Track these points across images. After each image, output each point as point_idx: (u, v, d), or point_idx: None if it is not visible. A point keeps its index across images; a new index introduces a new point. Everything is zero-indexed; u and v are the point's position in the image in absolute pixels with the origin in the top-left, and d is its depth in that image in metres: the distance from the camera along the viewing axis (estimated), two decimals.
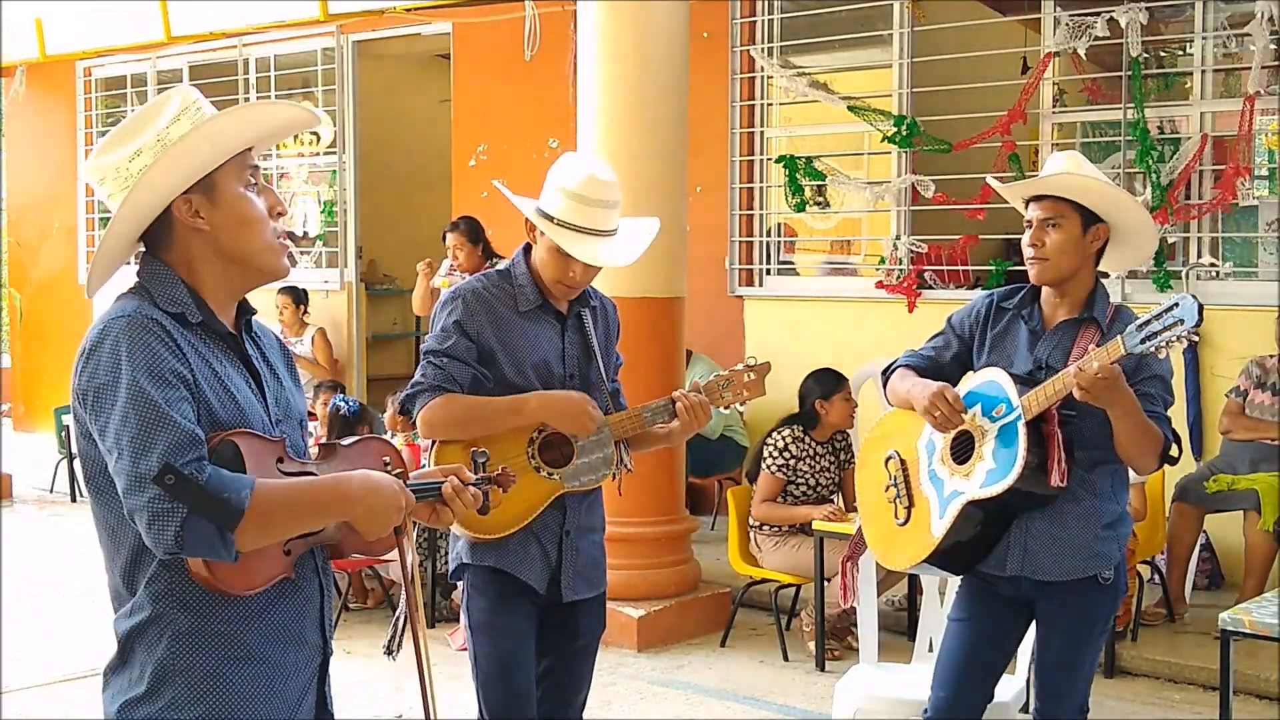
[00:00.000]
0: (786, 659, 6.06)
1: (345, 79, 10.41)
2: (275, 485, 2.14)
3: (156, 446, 2.04)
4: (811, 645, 6.02)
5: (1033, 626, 3.63)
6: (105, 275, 2.26)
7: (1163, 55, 7.66)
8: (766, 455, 6.16)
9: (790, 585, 6.22)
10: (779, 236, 8.79)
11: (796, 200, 8.40)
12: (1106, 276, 3.64)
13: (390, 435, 6.88)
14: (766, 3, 8.54)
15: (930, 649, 4.47)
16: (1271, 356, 6.35)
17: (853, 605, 4.68)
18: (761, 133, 8.65)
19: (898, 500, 3.59)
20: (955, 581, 3.92)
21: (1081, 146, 7.57)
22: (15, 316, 13.01)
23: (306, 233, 11.04)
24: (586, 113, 6.40)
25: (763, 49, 8.52)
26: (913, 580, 5.98)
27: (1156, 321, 3.05)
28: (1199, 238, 7.17)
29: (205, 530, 2.03)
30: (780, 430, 6.20)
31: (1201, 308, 2.99)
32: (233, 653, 2.19)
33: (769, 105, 8.65)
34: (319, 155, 10.96)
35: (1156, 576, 6.46)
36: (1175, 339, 3.02)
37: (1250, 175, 7.12)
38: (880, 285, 8.06)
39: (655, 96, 6.32)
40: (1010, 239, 7.64)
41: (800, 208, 8.47)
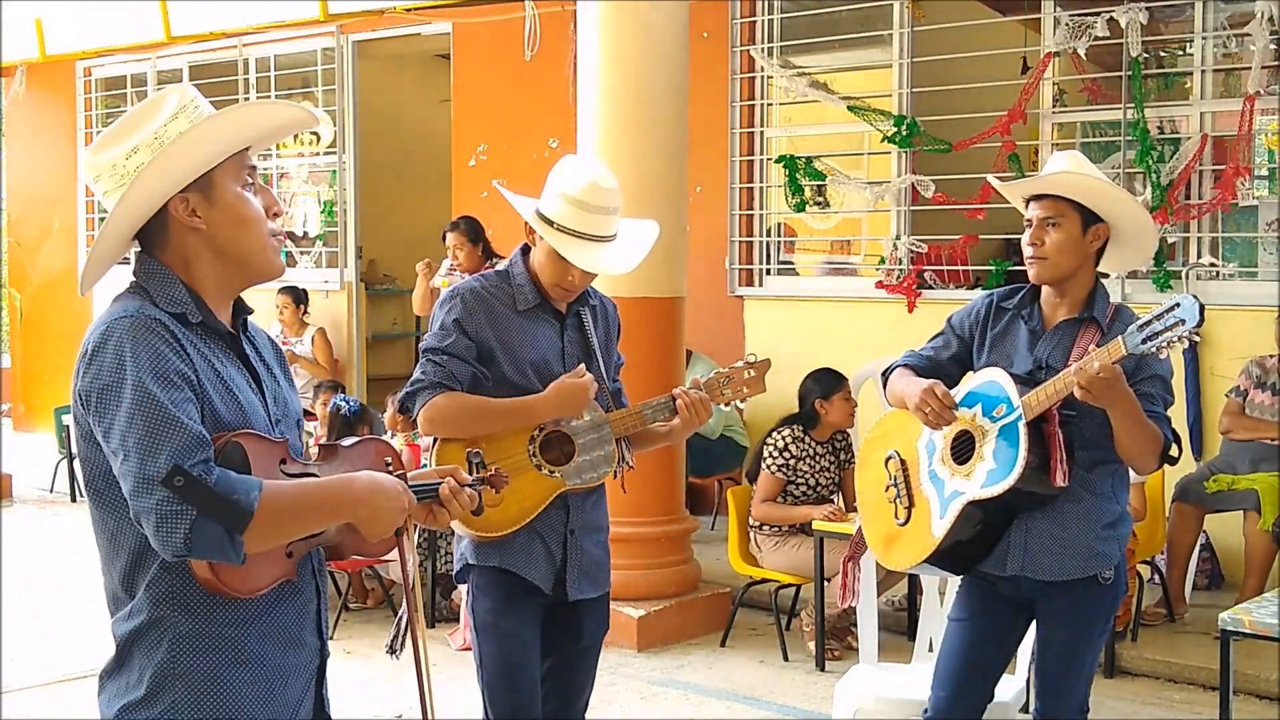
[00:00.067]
0: (786, 659, 6.06)
1: (345, 79, 10.41)
2: (283, 486, 2.12)
3: (164, 448, 2.02)
4: (811, 645, 6.02)
5: (1033, 626, 3.63)
6: (99, 273, 2.24)
7: (1163, 55, 7.65)
8: (766, 455, 6.16)
9: (790, 585, 6.22)
10: (779, 236, 8.79)
11: (796, 200, 8.40)
12: (1107, 276, 3.63)
13: (390, 435, 6.88)
14: (766, 3, 8.54)
15: (930, 649, 4.47)
16: (1271, 356, 6.35)
17: (852, 605, 4.68)
18: (761, 133, 8.64)
19: (898, 500, 3.59)
20: (955, 581, 3.92)
21: (1081, 146, 7.56)
22: (15, 316, 13.01)
23: (306, 233, 11.03)
24: (586, 113, 6.39)
25: (763, 49, 8.52)
26: (913, 580, 5.98)
27: (1158, 322, 3.04)
28: (1199, 238, 7.17)
29: (214, 532, 2.01)
30: (780, 430, 6.20)
31: (1203, 308, 2.99)
32: (233, 655, 2.17)
33: (769, 105, 8.65)
34: (319, 155, 10.95)
35: (1156, 576, 6.46)
36: (1176, 339, 3.01)
37: (1250, 175, 7.11)
38: (880, 285, 8.06)
39: (655, 96, 6.32)
40: (1010, 239, 7.65)
41: (800, 208, 8.47)
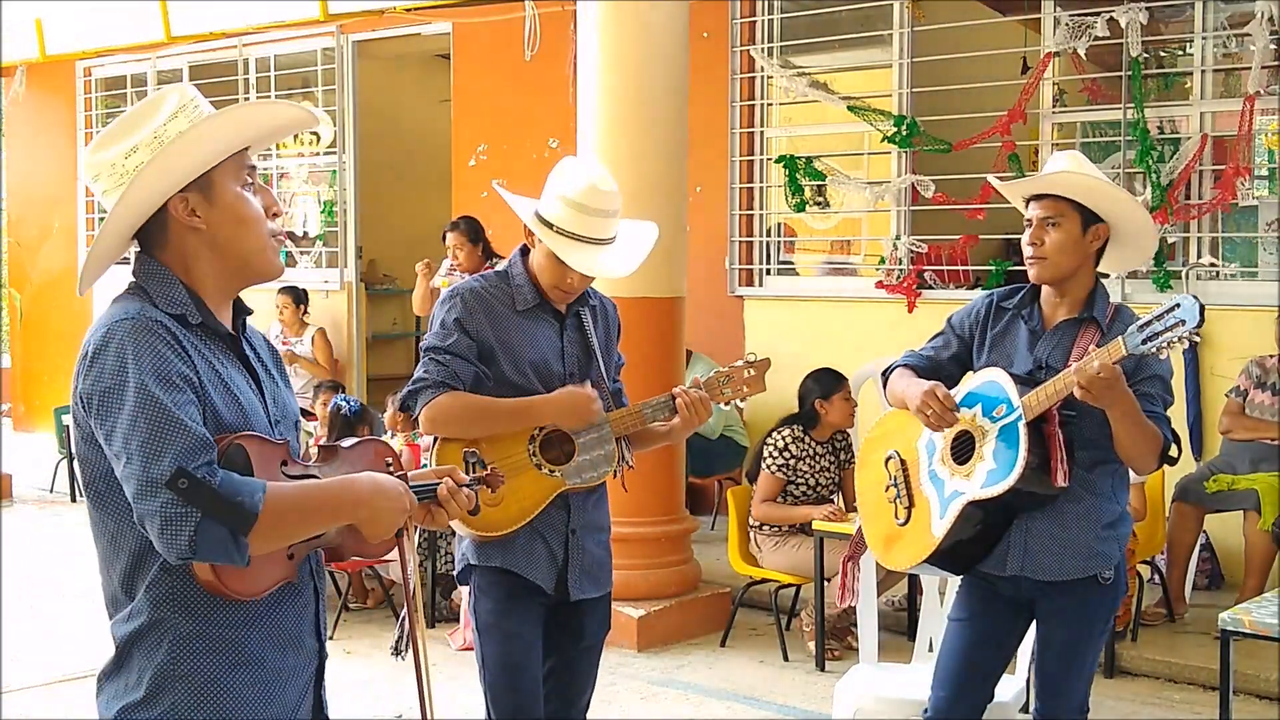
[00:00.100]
0: (786, 659, 6.06)
1: (345, 79, 10.41)
2: (287, 488, 2.12)
3: (168, 451, 2.01)
4: (811, 645, 6.02)
5: (1033, 626, 3.63)
6: (97, 273, 2.24)
7: (1163, 55, 7.65)
8: (766, 455, 6.16)
9: (790, 585, 6.22)
10: (779, 236, 8.79)
11: (796, 200, 8.40)
12: (1107, 276, 3.63)
13: (390, 435, 6.88)
14: (766, 3, 8.54)
15: (930, 649, 4.47)
16: (1271, 356, 6.35)
17: (852, 605, 4.68)
18: (761, 133, 8.65)
19: (898, 500, 3.59)
20: (955, 581, 3.92)
21: (1081, 146, 7.56)
22: (15, 317, 13.01)
23: (306, 233, 11.04)
24: (586, 113, 6.39)
25: (763, 49, 8.52)
26: (913, 580, 5.98)
27: (1158, 322, 3.04)
28: (1199, 238, 7.17)
29: (219, 535, 2.00)
30: (780, 430, 6.20)
31: (1203, 308, 2.98)
32: (234, 658, 2.17)
33: (769, 105, 8.65)
34: (319, 155, 10.95)
35: (1156, 576, 6.46)
36: (1176, 339, 3.01)
37: (1250, 175, 7.11)
38: (880, 285, 8.06)
39: (655, 96, 6.31)
40: (1010, 239, 7.65)
41: (800, 208, 8.47)
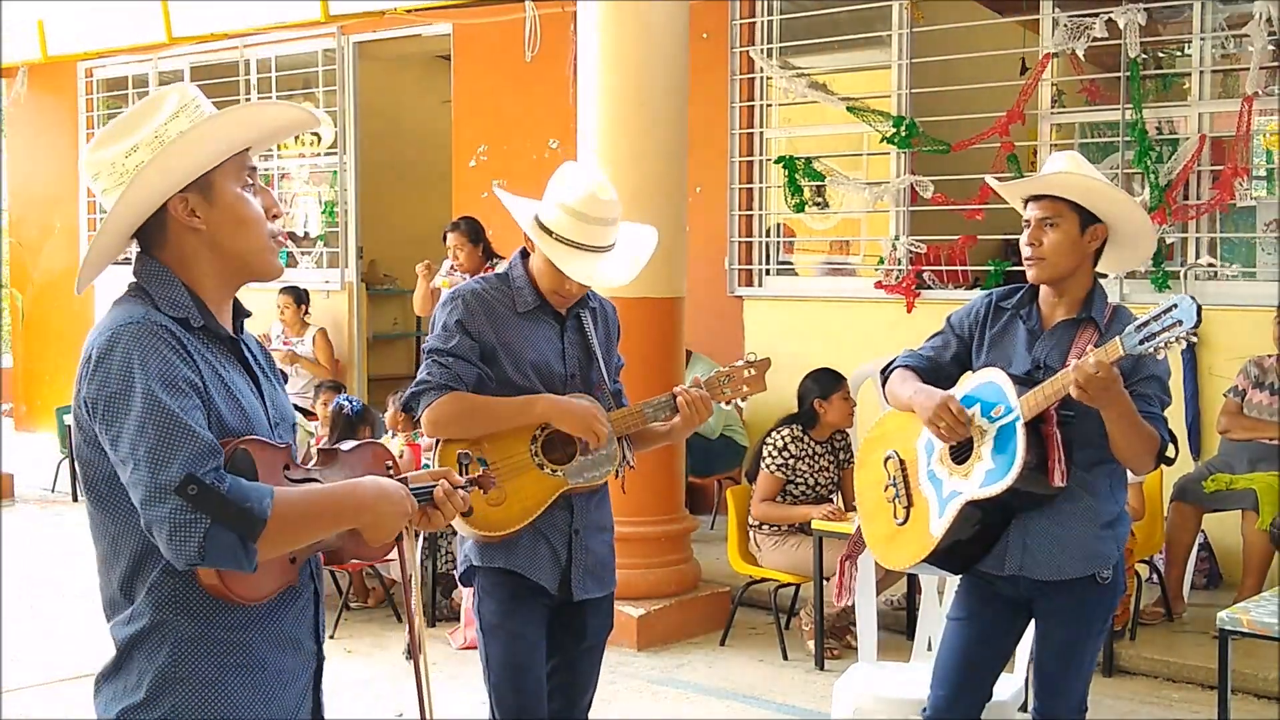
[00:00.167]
0: (786, 658, 6.07)
1: (346, 80, 10.42)
2: (294, 493, 2.12)
3: (177, 457, 2.00)
4: (811, 644, 6.03)
5: (1031, 625, 3.64)
6: (96, 272, 2.24)
7: (1161, 56, 7.66)
8: (766, 455, 6.17)
9: (789, 584, 6.23)
10: (778, 237, 8.80)
11: (796, 201, 8.40)
12: (1105, 277, 3.64)
13: (391, 435, 6.89)
14: (766, 4, 8.55)
15: (929, 648, 4.47)
16: (1270, 356, 6.36)
17: (851, 604, 4.69)
18: (761, 133, 8.65)
19: (897, 500, 3.60)
20: (954, 581, 3.93)
21: (1080, 147, 7.57)
22: (17, 316, 13.02)
23: (307, 233, 11.04)
24: (587, 113, 6.40)
25: (762, 50, 8.53)
26: (912, 579, 5.99)
27: (1155, 322, 3.05)
28: (1197, 238, 7.18)
29: (228, 540, 2.00)
30: (779, 430, 6.21)
31: (1200, 309, 2.99)
32: (236, 660, 2.16)
33: (768, 106, 8.66)
34: (320, 156, 10.96)
35: (1155, 576, 6.47)
36: (1174, 340, 3.01)
37: (1248, 175, 7.12)
38: (879, 285, 8.06)
39: (655, 97, 6.32)
40: (1009, 239, 7.65)
41: (800, 208, 8.48)
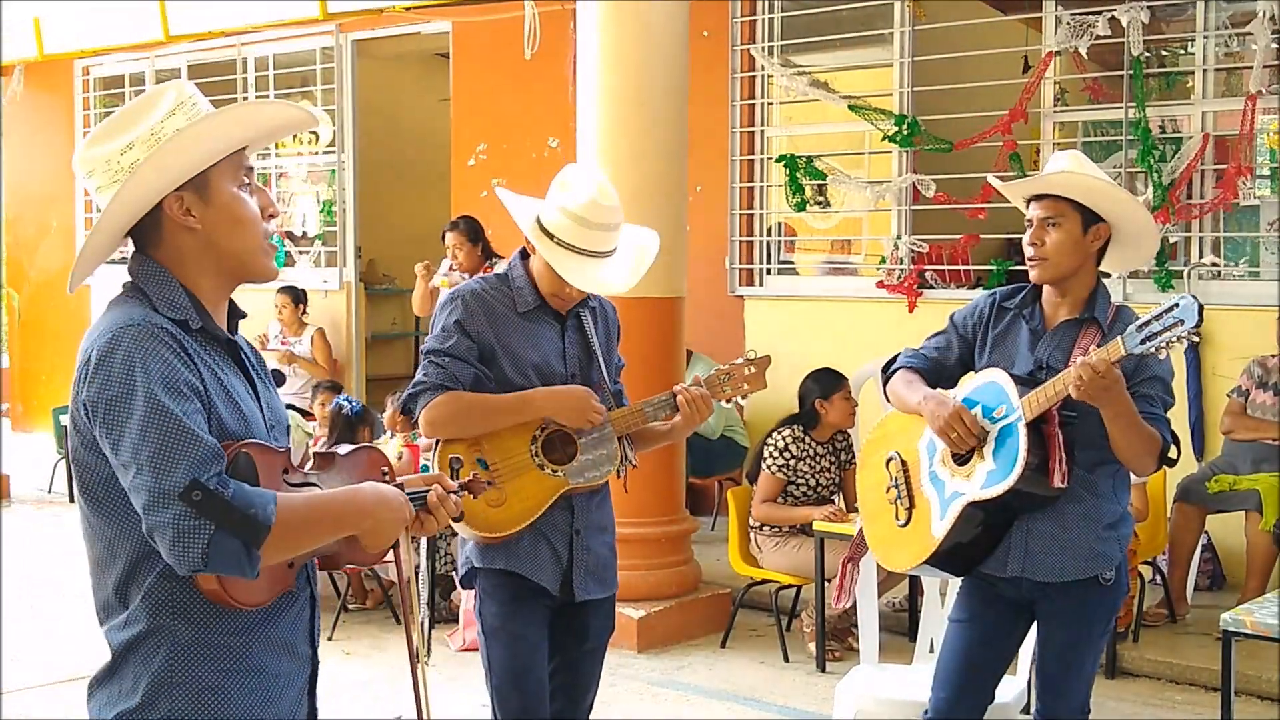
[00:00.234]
0: (787, 660, 6.05)
1: (344, 78, 10.40)
2: (296, 499, 2.10)
3: (180, 462, 1.98)
4: (812, 646, 6.01)
5: (1034, 627, 3.62)
6: (88, 270, 2.21)
7: (1164, 54, 7.64)
8: (767, 455, 6.15)
9: (791, 586, 6.21)
10: (779, 236, 8.78)
11: (797, 200, 8.38)
12: (1108, 276, 3.62)
13: (390, 435, 6.87)
14: (767, 2, 8.52)
15: (931, 650, 4.46)
16: (1273, 356, 6.34)
17: (852, 606, 4.67)
18: (762, 132, 8.63)
19: (898, 501, 3.58)
20: (956, 583, 3.91)
21: (1083, 146, 7.55)
22: (13, 316, 13.00)
23: (305, 232, 11.03)
24: (586, 112, 6.38)
25: (763, 48, 8.51)
26: (914, 581, 5.97)
27: (1156, 322, 3.03)
28: (1200, 237, 7.16)
29: (231, 546, 1.98)
30: (780, 430, 6.19)
31: (1202, 308, 2.97)
32: (234, 664, 2.15)
33: (769, 104, 8.64)
34: (318, 154, 10.94)
35: (1158, 577, 6.45)
36: (1175, 339, 3.00)
37: (1252, 175, 7.10)
38: (881, 285, 8.04)
39: (655, 96, 6.30)
40: (1011, 239, 7.64)
41: (800, 207, 8.45)
